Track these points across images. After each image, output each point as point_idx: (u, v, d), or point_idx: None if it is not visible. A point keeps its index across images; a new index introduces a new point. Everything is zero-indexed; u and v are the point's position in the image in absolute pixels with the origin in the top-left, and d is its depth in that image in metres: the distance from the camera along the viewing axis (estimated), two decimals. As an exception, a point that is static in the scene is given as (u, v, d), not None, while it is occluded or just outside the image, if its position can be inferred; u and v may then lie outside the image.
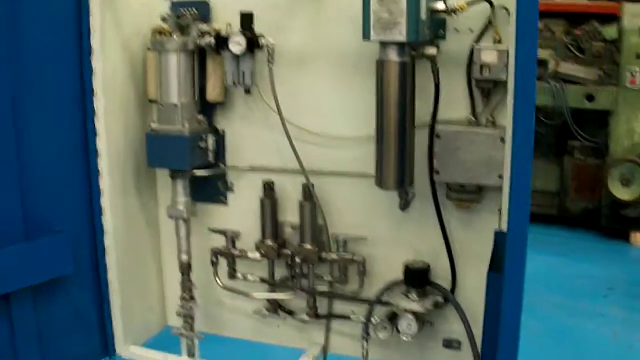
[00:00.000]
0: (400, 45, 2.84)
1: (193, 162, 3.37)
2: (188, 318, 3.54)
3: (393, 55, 2.86)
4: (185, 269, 3.52)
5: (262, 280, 3.53)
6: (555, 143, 7.14)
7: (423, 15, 2.82)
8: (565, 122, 6.83)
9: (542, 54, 7.00)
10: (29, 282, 3.11)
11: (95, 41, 3.24)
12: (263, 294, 3.56)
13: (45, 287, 3.21)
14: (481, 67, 2.92)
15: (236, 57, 3.23)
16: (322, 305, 3.48)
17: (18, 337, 3.18)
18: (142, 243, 3.68)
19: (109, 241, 3.43)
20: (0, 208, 3.05)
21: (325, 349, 3.53)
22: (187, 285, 3.53)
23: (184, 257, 3.51)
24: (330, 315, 3.47)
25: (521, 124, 2.39)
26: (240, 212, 3.57)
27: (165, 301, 3.86)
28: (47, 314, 3.27)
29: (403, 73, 2.89)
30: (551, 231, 7.01)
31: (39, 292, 3.21)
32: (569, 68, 6.84)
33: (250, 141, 3.50)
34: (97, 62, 3.25)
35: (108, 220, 3.41)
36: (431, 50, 2.92)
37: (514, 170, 2.43)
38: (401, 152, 2.96)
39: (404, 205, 3.13)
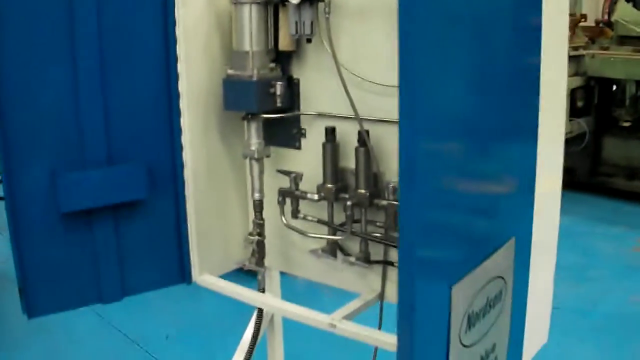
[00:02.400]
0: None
1: (261, 106, 3.62)
2: (255, 253, 3.82)
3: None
4: (257, 206, 3.80)
5: (319, 221, 3.71)
6: None
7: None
8: None
9: None
10: (108, 201, 3.55)
11: (177, -8, 3.57)
12: (316, 234, 3.74)
13: (125, 211, 3.64)
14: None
15: (298, 8, 3.42)
16: (378, 252, 3.59)
17: (100, 255, 3.63)
18: (226, 181, 3.97)
19: (187, 174, 3.75)
20: (88, 138, 3.51)
21: (381, 296, 3.64)
22: (257, 223, 3.82)
23: (256, 195, 3.79)
24: (385, 262, 3.57)
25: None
26: (310, 157, 3.77)
27: (249, 238, 4.13)
28: (127, 237, 3.69)
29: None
30: None
31: (119, 215, 3.63)
32: None
33: (321, 89, 3.67)
34: (179, 12, 3.58)
35: (188, 155, 3.74)
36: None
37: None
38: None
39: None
